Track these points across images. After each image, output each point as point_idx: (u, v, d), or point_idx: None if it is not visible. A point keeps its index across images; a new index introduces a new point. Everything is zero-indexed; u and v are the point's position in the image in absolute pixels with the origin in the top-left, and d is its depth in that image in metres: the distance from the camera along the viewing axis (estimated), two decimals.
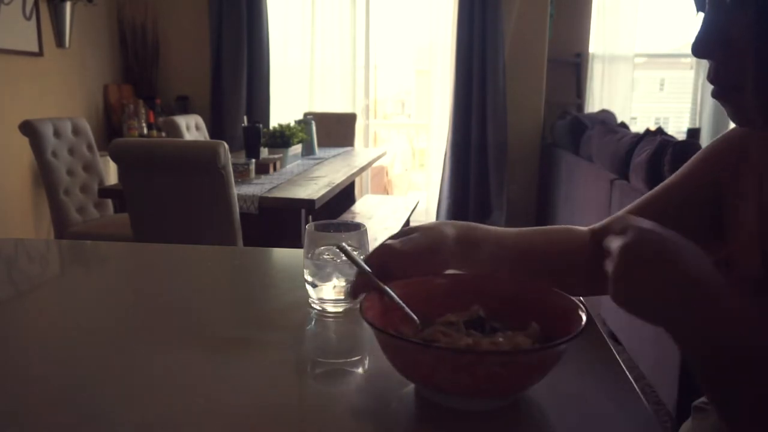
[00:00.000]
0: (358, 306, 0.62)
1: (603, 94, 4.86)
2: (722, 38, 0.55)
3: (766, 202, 0.63)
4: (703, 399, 0.78)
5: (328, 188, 2.48)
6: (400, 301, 0.65)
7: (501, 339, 0.61)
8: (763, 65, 0.52)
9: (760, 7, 0.51)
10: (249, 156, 2.94)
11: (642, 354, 2.25)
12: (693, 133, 4.62)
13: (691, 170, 0.74)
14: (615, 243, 0.53)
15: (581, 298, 0.78)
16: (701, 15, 0.57)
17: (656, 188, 0.76)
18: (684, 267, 0.51)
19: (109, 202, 3.26)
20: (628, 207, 0.78)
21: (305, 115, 4.11)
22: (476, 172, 4.69)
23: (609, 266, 0.52)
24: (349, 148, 4.00)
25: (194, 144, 2.68)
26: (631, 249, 0.51)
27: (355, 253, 0.72)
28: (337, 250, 0.76)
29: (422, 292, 0.69)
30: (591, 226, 0.81)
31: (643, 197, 0.77)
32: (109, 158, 2.30)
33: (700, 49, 0.56)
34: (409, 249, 0.69)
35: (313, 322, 0.81)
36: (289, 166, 3.03)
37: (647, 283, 0.51)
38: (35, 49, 3.74)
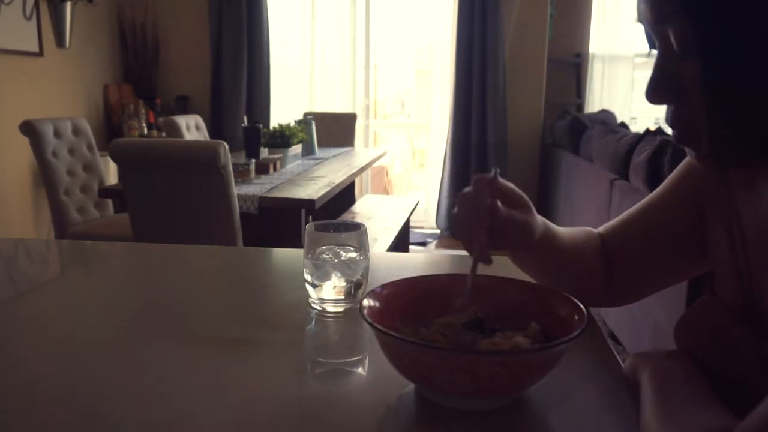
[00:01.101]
0: (358, 306, 0.62)
1: (603, 94, 4.86)
2: (673, 86, 0.54)
3: (736, 230, 0.61)
4: None
5: (328, 188, 2.48)
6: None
7: (500, 339, 0.61)
8: (714, 116, 0.51)
9: (705, 59, 0.50)
10: (249, 156, 2.94)
11: None
12: None
13: (675, 182, 0.72)
14: None
15: None
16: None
17: (651, 194, 0.75)
18: None
19: (109, 202, 3.26)
20: (625, 215, 0.77)
21: (305, 115, 4.11)
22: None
23: None
24: (349, 148, 4.01)
25: (194, 144, 2.68)
26: None
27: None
28: (338, 250, 0.75)
29: (422, 292, 0.69)
30: (599, 230, 0.80)
31: (639, 205, 0.76)
32: (109, 158, 2.30)
33: (651, 95, 0.55)
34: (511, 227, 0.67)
35: (313, 322, 0.81)
36: (289, 166, 3.03)
37: None
38: (35, 49, 3.74)
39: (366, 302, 0.63)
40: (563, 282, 0.77)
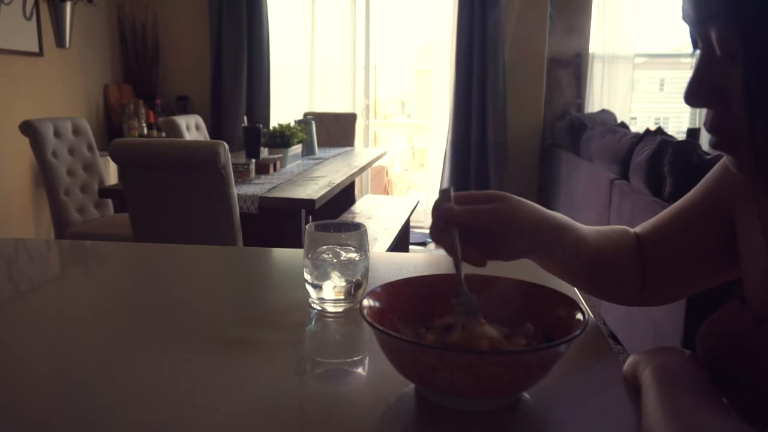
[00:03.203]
0: (358, 306, 0.62)
1: (603, 94, 4.86)
2: (714, 89, 0.52)
3: None
4: None
5: (328, 188, 2.48)
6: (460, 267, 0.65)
7: (501, 339, 0.61)
8: (756, 123, 0.49)
9: (749, 63, 0.48)
10: (249, 156, 2.94)
11: None
12: (693, 133, 4.62)
13: (708, 185, 0.71)
14: None
15: (581, 297, 0.78)
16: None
17: (686, 196, 0.73)
18: None
19: (109, 202, 3.26)
20: (659, 216, 0.76)
21: (305, 115, 4.11)
22: (476, 172, 4.69)
23: None
24: (349, 148, 4.01)
25: (194, 144, 2.68)
26: None
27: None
28: (338, 250, 0.75)
29: (422, 292, 0.69)
30: (635, 229, 0.79)
31: (673, 207, 0.74)
32: (109, 158, 2.30)
33: (691, 97, 0.53)
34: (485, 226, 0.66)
35: (313, 322, 0.81)
36: (289, 166, 3.04)
37: None
38: (35, 49, 3.74)
39: (366, 302, 0.63)
40: (594, 282, 0.76)
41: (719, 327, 0.61)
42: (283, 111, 4.79)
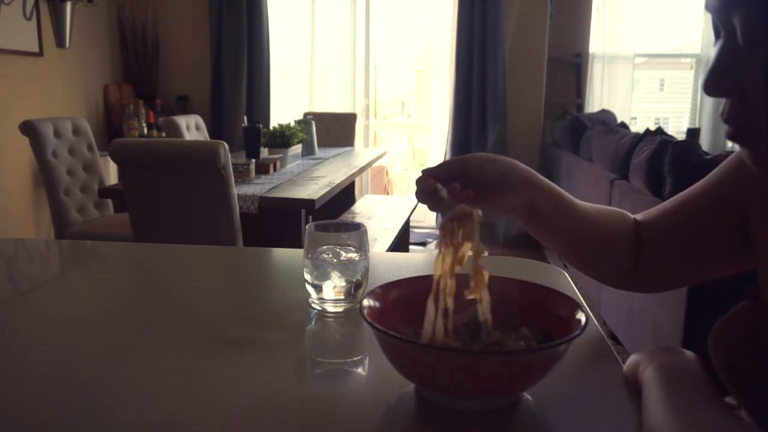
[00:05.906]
0: (358, 306, 0.62)
1: (603, 94, 4.86)
2: (735, 79, 0.51)
3: None
4: None
5: (328, 188, 2.48)
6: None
7: (501, 339, 0.61)
8: None
9: None
10: (249, 156, 2.94)
11: None
12: (693, 133, 4.62)
13: (719, 177, 0.70)
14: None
15: (581, 297, 0.78)
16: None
17: (694, 186, 0.73)
18: None
19: (109, 202, 3.26)
20: (664, 204, 0.75)
21: (305, 115, 4.11)
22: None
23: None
24: (349, 148, 4.01)
25: (194, 144, 2.68)
26: None
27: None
28: (338, 250, 0.75)
29: (422, 292, 0.69)
30: (636, 216, 0.78)
31: (680, 196, 0.74)
32: (109, 158, 2.30)
33: (711, 87, 0.52)
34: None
35: (313, 322, 0.81)
36: (289, 166, 3.04)
37: None
38: (35, 49, 3.74)
39: (366, 302, 0.63)
40: (588, 257, 0.76)
41: (733, 327, 0.60)
42: (283, 111, 4.79)
